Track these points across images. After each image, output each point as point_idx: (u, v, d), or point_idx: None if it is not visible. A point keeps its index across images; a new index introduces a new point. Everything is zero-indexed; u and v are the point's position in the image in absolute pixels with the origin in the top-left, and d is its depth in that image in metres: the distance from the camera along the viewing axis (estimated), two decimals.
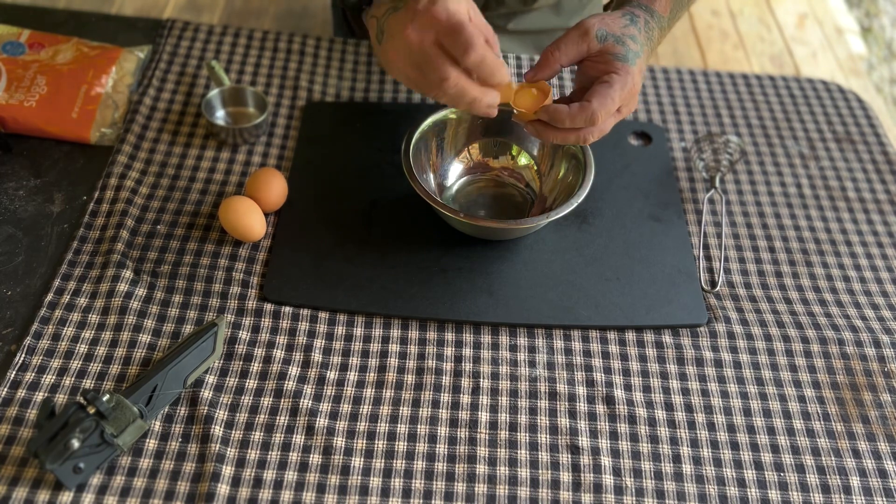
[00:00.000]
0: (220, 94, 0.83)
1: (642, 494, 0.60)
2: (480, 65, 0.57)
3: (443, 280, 0.71)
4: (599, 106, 0.61)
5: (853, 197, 0.84)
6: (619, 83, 0.62)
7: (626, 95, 0.63)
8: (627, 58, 0.63)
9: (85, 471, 0.56)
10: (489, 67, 0.58)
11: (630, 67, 0.63)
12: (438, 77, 0.57)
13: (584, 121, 0.62)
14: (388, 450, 0.61)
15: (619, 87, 0.62)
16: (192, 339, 0.63)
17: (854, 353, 0.69)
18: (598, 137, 0.65)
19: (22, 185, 0.76)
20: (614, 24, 0.65)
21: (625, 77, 0.62)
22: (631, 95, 0.64)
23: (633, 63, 0.63)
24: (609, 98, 0.62)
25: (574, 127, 0.63)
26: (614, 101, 0.62)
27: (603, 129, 0.64)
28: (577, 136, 0.64)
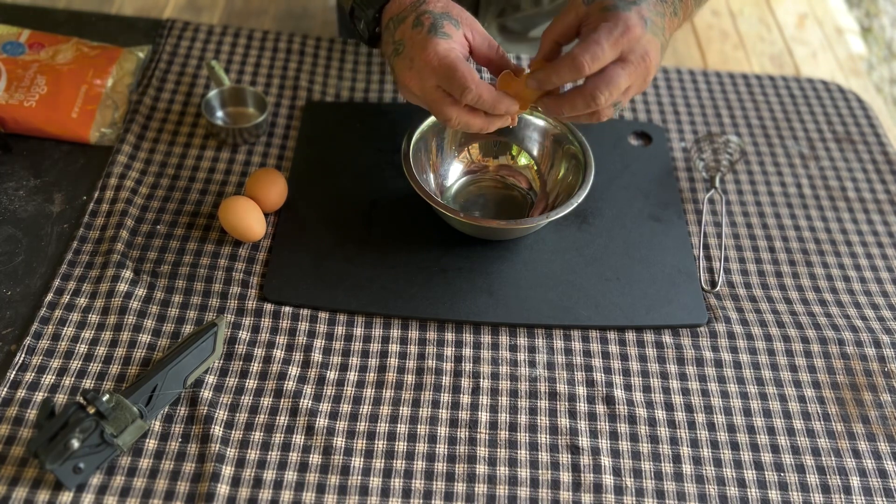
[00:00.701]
0: (219, 94, 0.83)
1: (642, 494, 0.60)
2: (479, 103, 0.60)
3: (443, 280, 0.71)
4: (582, 51, 0.56)
5: (853, 197, 0.84)
6: (606, 28, 0.56)
7: (620, 38, 0.56)
8: (617, 6, 0.57)
9: (85, 471, 0.56)
10: (488, 103, 0.60)
11: (621, 13, 0.56)
12: (444, 117, 0.62)
13: (568, 69, 0.56)
14: (388, 450, 0.61)
15: (605, 32, 0.56)
16: (192, 339, 0.63)
17: (854, 353, 0.69)
18: (610, 95, 0.57)
19: (22, 185, 0.76)
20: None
21: (613, 21, 0.56)
22: (631, 40, 0.56)
23: (627, 9, 0.57)
24: (593, 42, 0.55)
25: (563, 82, 0.58)
26: (600, 45, 0.55)
27: (611, 83, 0.57)
28: (584, 98, 0.57)
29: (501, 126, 0.63)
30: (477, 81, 0.58)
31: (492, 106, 0.60)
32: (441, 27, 0.60)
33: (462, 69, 0.58)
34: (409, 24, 0.62)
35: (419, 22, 0.61)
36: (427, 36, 0.60)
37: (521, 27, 0.97)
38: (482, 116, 0.62)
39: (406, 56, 0.61)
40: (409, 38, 0.61)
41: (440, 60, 0.59)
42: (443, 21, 0.61)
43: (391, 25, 0.64)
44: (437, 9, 0.62)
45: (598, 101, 0.57)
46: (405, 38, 0.62)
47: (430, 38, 0.60)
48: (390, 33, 0.64)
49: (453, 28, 0.61)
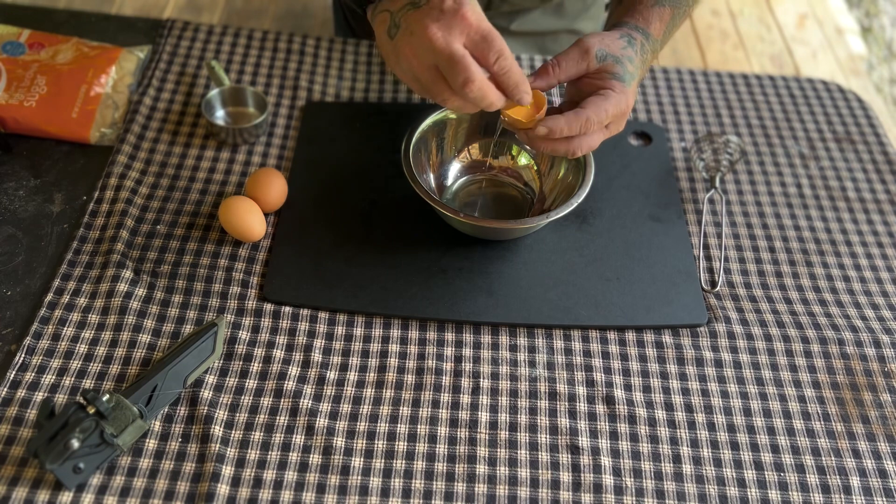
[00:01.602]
0: (220, 94, 0.83)
1: (642, 494, 0.60)
2: (508, 73, 0.58)
3: (443, 280, 0.71)
4: (593, 114, 0.63)
5: (853, 197, 0.84)
6: (615, 99, 0.64)
7: (618, 113, 0.64)
8: (624, 78, 0.65)
9: (85, 471, 0.56)
10: (514, 78, 0.59)
11: (626, 88, 0.64)
12: (464, 79, 0.56)
13: (578, 128, 0.63)
14: (388, 450, 0.61)
15: (613, 102, 0.63)
16: (192, 339, 0.63)
17: (854, 353, 0.69)
18: (586, 151, 0.66)
19: (22, 185, 0.76)
20: (613, 44, 0.66)
21: (620, 95, 0.64)
22: (622, 114, 0.65)
23: (629, 84, 0.65)
24: (603, 109, 0.63)
25: (569, 135, 0.64)
26: (607, 114, 0.63)
27: (591, 144, 0.65)
28: (568, 147, 0.65)
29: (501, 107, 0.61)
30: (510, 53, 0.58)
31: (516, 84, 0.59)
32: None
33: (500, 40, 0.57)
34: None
35: None
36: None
37: (505, 22, 0.97)
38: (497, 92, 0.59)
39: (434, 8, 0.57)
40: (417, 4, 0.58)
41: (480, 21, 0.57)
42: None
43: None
44: None
45: (574, 155, 0.66)
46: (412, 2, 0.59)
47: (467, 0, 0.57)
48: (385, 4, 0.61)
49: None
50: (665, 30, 0.70)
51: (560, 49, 1.01)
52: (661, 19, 0.69)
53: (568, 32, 1.02)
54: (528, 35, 1.00)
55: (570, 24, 1.01)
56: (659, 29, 0.70)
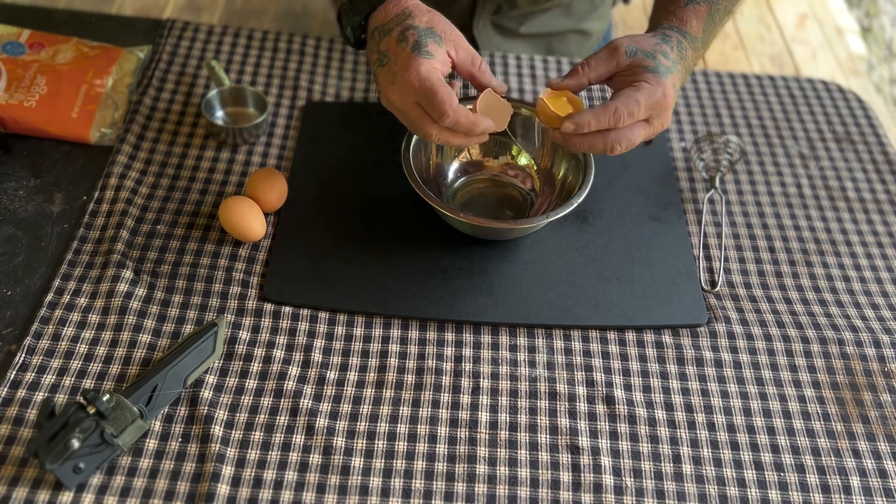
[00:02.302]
0: (219, 94, 0.83)
1: (642, 494, 0.60)
2: (456, 126, 0.61)
3: (443, 280, 0.71)
4: (623, 105, 0.60)
5: (853, 197, 0.84)
6: (647, 90, 0.61)
7: (655, 105, 0.61)
8: (658, 70, 0.62)
9: (85, 471, 0.56)
10: (465, 126, 0.61)
11: (661, 79, 0.62)
12: (424, 134, 0.62)
13: (607, 120, 0.61)
14: (388, 450, 0.61)
15: (646, 93, 0.61)
16: (192, 339, 0.63)
17: (854, 353, 0.69)
18: (626, 147, 0.63)
19: (22, 185, 0.76)
20: (645, 41, 0.64)
21: (655, 86, 0.61)
22: (662, 108, 0.62)
23: (666, 76, 0.62)
24: (633, 100, 0.61)
25: (599, 129, 0.62)
26: (639, 105, 0.61)
27: (630, 139, 0.62)
28: (605, 142, 0.62)
29: (479, 142, 0.65)
30: (455, 107, 0.60)
31: (468, 130, 0.62)
32: (425, 46, 0.61)
33: (442, 93, 0.59)
34: (394, 37, 0.62)
35: (404, 37, 0.62)
36: (410, 54, 0.61)
37: (514, 24, 0.97)
38: (461, 135, 0.63)
39: (389, 70, 0.62)
40: (394, 52, 0.62)
41: (421, 82, 0.60)
42: (427, 39, 0.62)
43: (376, 35, 0.64)
44: (422, 24, 0.62)
45: (614, 151, 0.63)
46: (389, 50, 0.62)
47: (414, 57, 0.60)
48: (375, 42, 0.64)
49: (436, 46, 0.62)
50: (704, 27, 0.68)
51: (567, 49, 1.01)
52: (698, 17, 0.67)
53: (575, 32, 1.02)
54: (538, 37, 1.00)
55: (578, 24, 1.01)
56: (697, 27, 0.67)
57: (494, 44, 0.98)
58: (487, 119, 0.62)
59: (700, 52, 0.69)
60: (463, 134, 0.62)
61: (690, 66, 0.68)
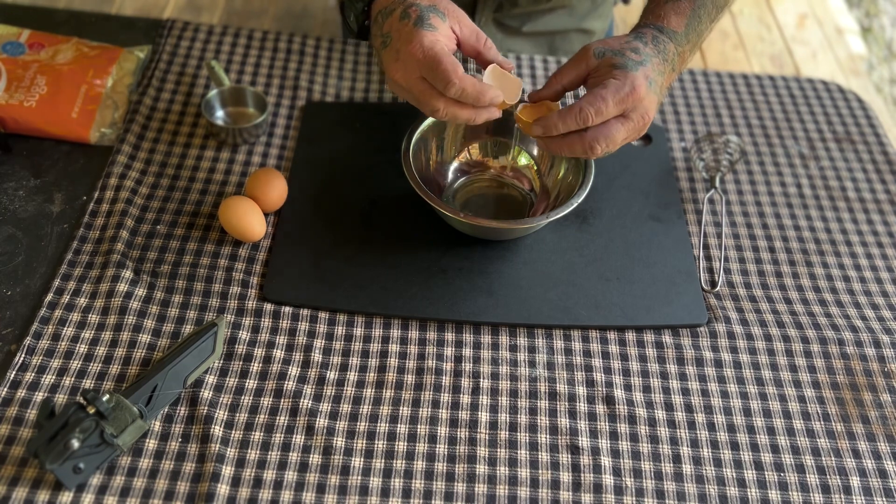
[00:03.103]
0: (219, 94, 0.83)
1: (642, 494, 0.60)
2: (462, 95, 0.60)
3: (443, 280, 0.71)
4: (587, 104, 0.60)
5: (853, 197, 0.84)
6: (613, 85, 0.61)
7: (625, 99, 0.61)
8: (626, 65, 0.62)
9: (85, 471, 0.56)
10: (472, 95, 0.60)
11: (628, 72, 0.61)
12: (430, 108, 0.62)
13: (573, 120, 0.61)
14: (388, 450, 0.61)
15: (612, 88, 0.60)
16: (192, 339, 0.63)
17: (854, 353, 0.69)
18: (607, 146, 0.62)
19: (22, 185, 0.76)
20: (615, 42, 0.64)
21: (622, 80, 0.61)
22: (634, 100, 0.61)
23: (634, 70, 0.61)
24: (598, 97, 0.60)
25: (568, 129, 0.62)
26: (605, 101, 0.60)
27: (608, 137, 0.62)
28: (583, 144, 0.62)
29: (489, 118, 0.63)
30: (461, 75, 0.59)
31: (475, 98, 0.60)
32: (427, 19, 0.61)
33: (446, 62, 0.59)
34: (396, 16, 0.63)
35: (406, 14, 0.62)
36: (413, 28, 0.61)
37: (517, 23, 0.97)
38: (469, 108, 0.62)
39: (393, 48, 0.62)
40: (396, 30, 0.62)
41: (425, 52, 0.59)
42: (429, 14, 0.62)
43: (379, 19, 0.64)
44: (425, 1, 0.63)
45: (594, 151, 0.63)
46: (392, 30, 0.62)
47: (416, 29, 0.60)
48: (378, 26, 0.64)
49: (440, 20, 0.62)
50: (687, 22, 0.67)
51: (570, 48, 1.02)
52: (678, 12, 0.67)
53: (577, 31, 1.02)
54: (540, 35, 1.00)
55: (580, 23, 1.01)
56: (677, 22, 0.66)
57: (497, 41, 0.99)
58: (494, 87, 0.61)
59: (685, 46, 0.67)
60: (471, 106, 0.61)
61: (675, 59, 0.67)
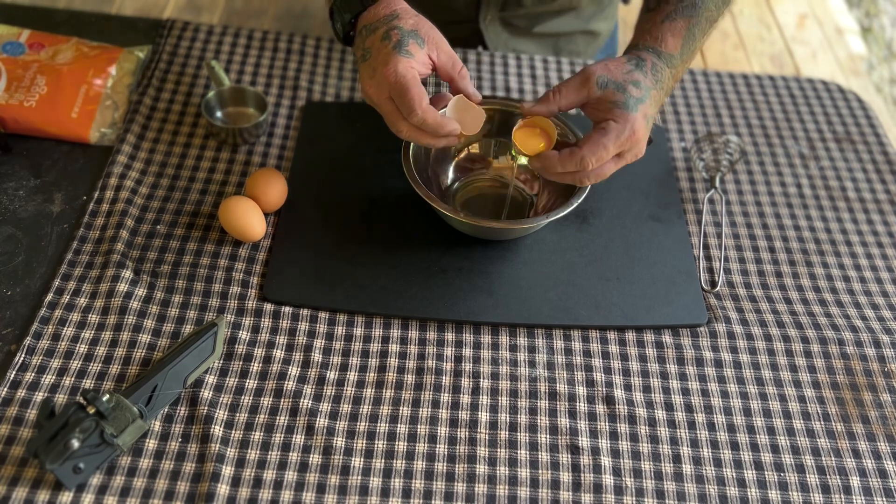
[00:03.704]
0: (219, 94, 0.83)
1: (642, 494, 0.60)
2: (423, 125, 0.63)
3: (443, 280, 0.71)
4: (589, 153, 0.62)
5: (853, 197, 0.84)
6: (615, 131, 0.63)
7: (625, 142, 0.63)
8: (628, 105, 0.63)
9: (85, 471, 0.56)
10: (431, 126, 0.63)
11: (630, 115, 0.63)
12: (395, 129, 0.65)
13: (573, 166, 0.63)
14: (388, 450, 0.61)
15: (614, 136, 0.63)
16: (192, 339, 0.63)
17: (854, 353, 0.69)
18: (595, 181, 0.66)
19: (22, 185, 0.76)
20: (617, 70, 0.65)
21: (623, 125, 0.63)
22: (632, 142, 0.64)
23: (635, 110, 0.63)
24: (601, 145, 0.62)
25: (565, 171, 0.64)
26: (606, 149, 0.63)
27: (600, 174, 0.65)
28: (574, 179, 0.65)
29: (448, 145, 0.66)
30: (424, 107, 0.62)
31: (434, 130, 0.63)
32: (406, 45, 0.63)
33: (413, 92, 0.62)
34: (378, 35, 0.65)
35: (388, 36, 0.64)
36: (391, 51, 0.63)
37: (525, 23, 0.98)
38: (429, 135, 0.65)
39: (370, 65, 0.64)
40: (376, 49, 0.64)
41: (397, 78, 0.62)
42: (409, 39, 0.64)
43: (363, 32, 0.66)
44: (407, 26, 0.65)
45: (583, 184, 0.67)
46: (373, 47, 0.65)
47: (394, 53, 0.63)
48: (361, 39, 0.66)
49: (417, 47, 0.64)
50: (683, 43, 0.68)
51: (574, 49, 1.02)
52: (675, 34, 0.68)
53: (583, 33, 1.02)
54: (547, 36, 1.00)
55: (585, 24, 1.01)
56: (674, 44, 0.68)
57: (502, 40, 0.99)
58: (453, 121, 0.64)
59: (679, 68, 0.69)
60: (431, 134, 0.64)
61: (669, 86, 0.69)
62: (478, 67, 0.93)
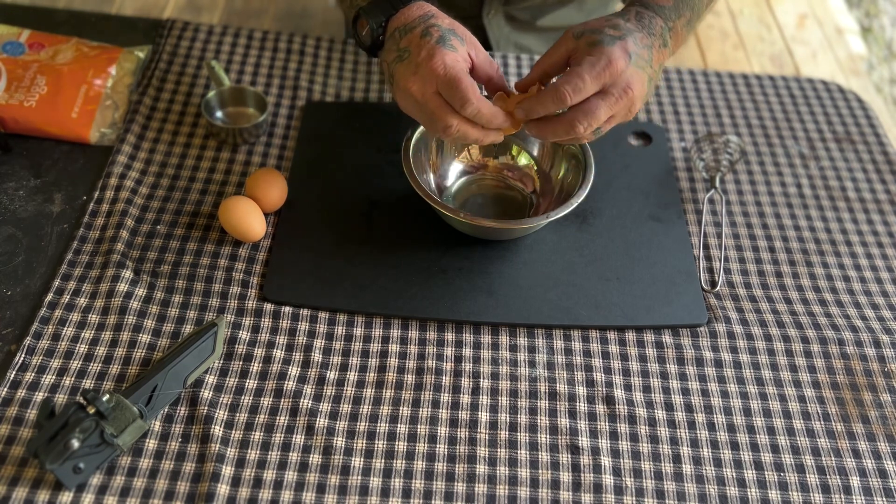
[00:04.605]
0: (219, 94, 0.83)
1: (642, 494, 0.60)
2: (476, 116, 0.62)
3: (443, 280, 0.71)
4: (563, 83, 0.60)
5: (853, 197, 0.84)
6: (589, 62, 0.60)
7: (601, 73, 0.60)
8: (602, 41, 0.61)
9: (85, 471, 0.56)
10: (485, 118, 0.62)
11: (604, 47, 0.61)
12: (443, 125, 0.62)
13: (552, 99, 0.61)
14: (388, 450, 0.61)
15: (588, 66, 0.60)
16: (192, 339, 0.63)
17: (854, 353, 0.69)
18: (588, 124, 0.61)
19: (22, 185, 0.76)
20: (595, 22, 0.65)
21: (597, 56, 0.60)
22: (612, 74, 0.60)
23: (609, 44, 0.61)
24: (574, 74, 0.60)
25: (548, 111, 0.62)
26: (581, 77, 0.60)
27: (590, 113, 0.61)
28: (565, 125, 0.62)
29: (494, 140, 0.65)
30: (478, 96, 0.61)
31: (488, 121, 0.62)
32: (449, 40, 0.63)
33: (466, 82, 0.61)
34: (417, 33, 0.64)
35: (427, 33, 0.63)
36: (435, 45, 0.62)
37: (528, 16, 0.98)
38: (479, 129, 0.64)
39: (411, 62, 0.63)
40: (416, 45, 0.63)
41: (446, 70, 0.61)
42: (450, 35, 0.63)
43: (397, 34, 0.66)
44: (445, 24, 0.65)
45: (576, 130, 0.62)
46: (412, 45, 0.64)
47: (439, 47, 0.62)
48: (395, 41, 0.65)
49: (459, 43, 0.64)
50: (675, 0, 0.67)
51: None
52: None
53: None
54: (552, 30, 1.01)
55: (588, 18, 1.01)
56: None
57: (505, 34, 0.99)
58: (504, 114, 0.63)
59: (677, 21, 0.67)
60: (481, 127, 0.63)
61: (665, 34, 0.66)
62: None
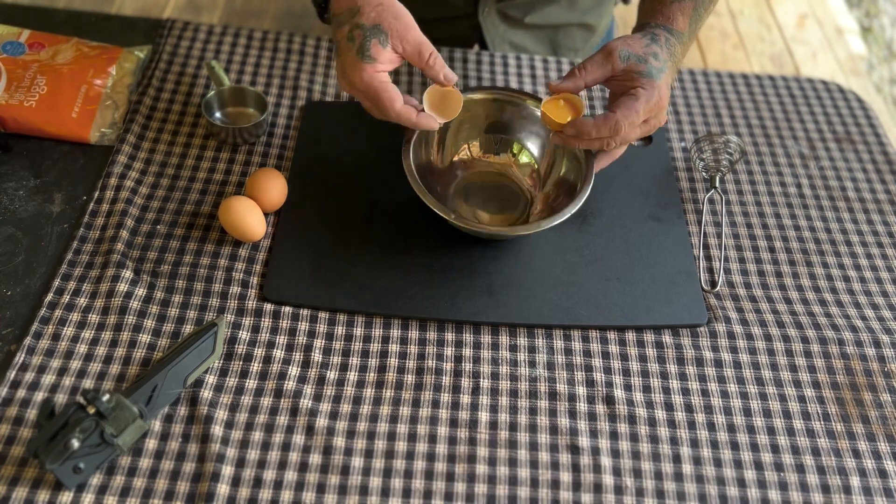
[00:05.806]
0: (219, 94, 0.83)
1: (642, 494, 0.60)
2: (398, 121, 0.67)
3: (443, 280, 0.71)
4: (623, 117, 0.65)
5: (853, 197, 0.84)
6: (645, 96, 0.65)
7: (653, 108, 0.66)
8: (652, 74, 0.66)
9: (85, 471, 0.56)
10: (409, 123, 0.67)
11: (655, 82, 0.66)
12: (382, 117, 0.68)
13: (608, 131, 0.65)
14: (388, 450, 0.61)
15: (644, 100, 0.65)
16: (192, 339, 0.63)
17: (854, 353, 0.69)
18: (620, 145, 0.68)
19: (22, 185, 0.76)
20: (636, 44, 0.67)
21: (650, 91, 0.65)
22: (658, 108, 0.66)
23: (658, 78, 0.66)
24: (633, 110, 0.65)
25: (599, 137, 0.66)
26: (638, 114, 0.65)
27: (626, 138, 0.67)
28: (601, 143, 0.67)
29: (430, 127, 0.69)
30: (397, 109, 0.65)
31: (413, 126, 0.67)
32: (368, 49, 0.65)
33: (383, 97, 0.65)
34: (344, 33, 0.66)
35: (351, 37, 0.66)
36: (355, 58, 0.65)
37: (520, 14, 0.98)
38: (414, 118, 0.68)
39: (341, 64, 0.67)
40: (343, 49, 0.66)
41: (364, 87, 0.65)
42: (371, 41, 0.65)
43: (333, 22, 0.68)
44: (369, 21, 0.65)
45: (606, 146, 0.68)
46: (340, 46, 0.67)
47: (357, 61, 0.65)
48: (333, 29, 0.69)
49: (380, 48, 0.65)
50: (690, 22, 0.71)
51: (572, 44, 1.02)
52: (684, 13, 0.71)
53: (579, 27, 1.02)
54: (542, 28, 1.01)
55: (582, 17, 1.01)
56: (683, 23, 0.71)
57: (500, 32, 0.99)
58: (429, 117, 0.68)
59: (687, 45, 0.72)
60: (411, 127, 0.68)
61: (680, 61, 0.71)
62: (477, 67, 0.93)
